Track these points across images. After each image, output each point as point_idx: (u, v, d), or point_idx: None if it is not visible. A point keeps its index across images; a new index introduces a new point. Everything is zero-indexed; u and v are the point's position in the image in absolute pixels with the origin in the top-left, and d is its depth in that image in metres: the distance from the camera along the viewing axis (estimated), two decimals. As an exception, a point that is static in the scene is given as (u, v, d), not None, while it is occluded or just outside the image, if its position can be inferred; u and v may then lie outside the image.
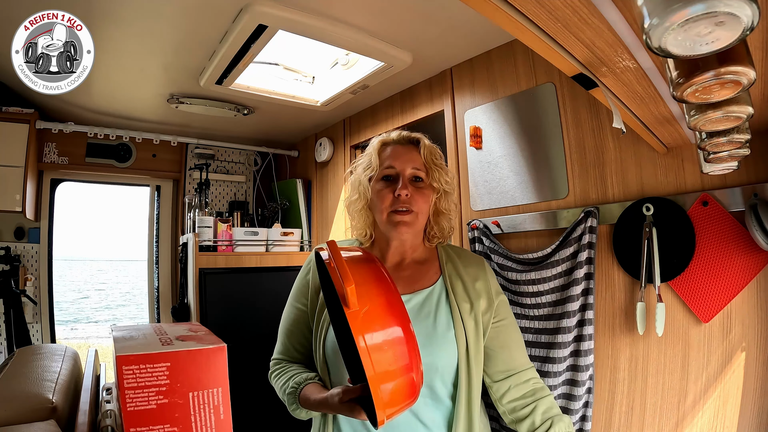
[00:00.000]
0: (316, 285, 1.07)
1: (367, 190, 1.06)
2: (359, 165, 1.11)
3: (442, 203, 1.07)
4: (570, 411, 1.26)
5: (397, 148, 1.06)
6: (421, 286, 1.03)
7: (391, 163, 1.03)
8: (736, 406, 1.06)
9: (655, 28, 0.36)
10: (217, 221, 2.33)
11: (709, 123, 0.60)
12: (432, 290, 1.02)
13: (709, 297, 1.10)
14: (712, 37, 0.36)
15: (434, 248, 1.11)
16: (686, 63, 0.45)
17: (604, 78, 0.69)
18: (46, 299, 2.32)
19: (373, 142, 1.10)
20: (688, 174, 1.16)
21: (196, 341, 0.75)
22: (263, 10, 1.28)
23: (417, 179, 1.04)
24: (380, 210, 1.02)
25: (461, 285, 1.03)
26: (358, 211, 1.10)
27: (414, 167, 1.03)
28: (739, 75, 0.44)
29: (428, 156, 1.05)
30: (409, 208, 1.00)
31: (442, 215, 1.09)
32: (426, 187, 1.04)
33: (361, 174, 1.08)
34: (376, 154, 1.06)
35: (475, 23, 1.42)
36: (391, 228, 1.01)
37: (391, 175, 1.03)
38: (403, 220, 1.00)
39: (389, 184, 1.03)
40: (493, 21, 0.54)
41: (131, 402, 0.66)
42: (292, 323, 1.11)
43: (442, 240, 1.12)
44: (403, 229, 1.01)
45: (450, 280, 1.03)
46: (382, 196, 1.02)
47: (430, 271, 1.06)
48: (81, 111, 2.16)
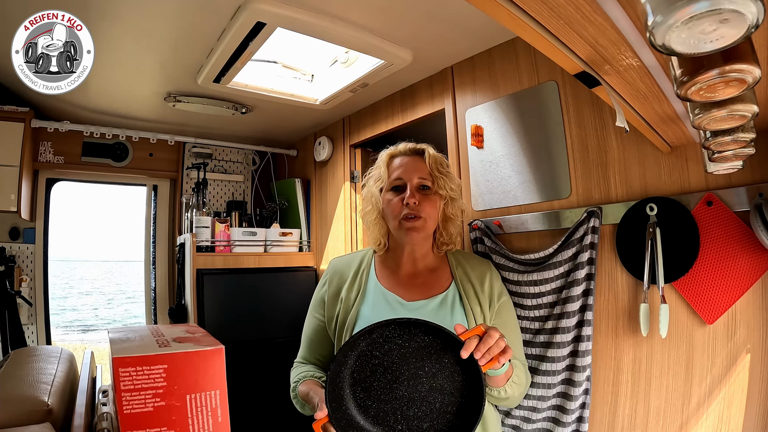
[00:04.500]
0: (332, 296, 1.16)
1: (378, 201, 1.15)
2: (370, 178, 1.20)
3: (450, 209, 1.15)
4: (567, 411, 1.25)
5: (404, 159, 1.14)
6: (435, 292, 1.11)
7: (399, 174, 1.12)
8: (741, 408, 1.05)
9: (659, 25, 0.35)
10: (215, 221, 2.31)
11: (713, 122, 0.60)
12: (446, 295, 1.10)
13: (713, 298, 1.09)
14: (717, 35, 0.36)
15: (444, 255, 1.20)
16: (690, 61, 0.45)
17: (607, 76, 0.69)
18: (41, 300, 2.29)
19: (382, 155, 1.18)
20: (692, 173, 1.14)
21: (193, 343, 0.75)
22: (261, 7, 1.27)
23: (424, 187, 1.12)
24: (392, 218, 1.11)
25: (471, 288, 1.12)
26: (372, 222, 1.19)
27: (420, 176, 1.11)
28: (743, 73, 0.43)
29: (434, 165, 1.13)
30: (417, 214, 1.08)
31: (450, 221, 1.16)
32: (433, 194, 1.12)
33: (372, 186, 1.17)
34: (385, 167, 1.15)
35: (476, 21, 1.41)
36: (403, 234, 1.10)
37: (400, 185, 1.12)
38: (413, 226, 1.08)
39: (398, 194, 1.11)
40: (494, 18, 0.53)
41: (128, 404, 0.66)
42: (312, 332, 1.19)
43: (451, 246, 1.20)
44: (414, 234, 1.09)
45: (462, 284, 1.12)
46: (392, 205, 1.11)
47: (443, 277, 1.15)
48: (77, 110, 2.14)
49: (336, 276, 1.19)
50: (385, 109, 2.07)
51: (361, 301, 1.11)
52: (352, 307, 1.10)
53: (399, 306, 1.09)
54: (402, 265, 1.16)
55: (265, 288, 2.32)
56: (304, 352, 1.20)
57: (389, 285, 1.14)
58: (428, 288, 1.13)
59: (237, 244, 2.33)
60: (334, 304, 1.15)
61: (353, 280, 1.16)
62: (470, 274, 1.14)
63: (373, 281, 1.15)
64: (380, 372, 0.91)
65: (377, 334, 0.91)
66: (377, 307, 1.09)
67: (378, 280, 1.15)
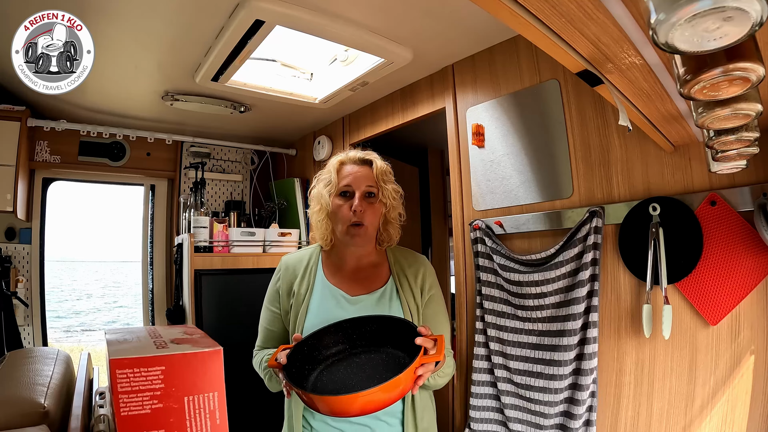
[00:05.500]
0: (285, 290, 1.28)
1: (327, 204, 1.24)
2: (321, 181, 1.28)
3: (391, 214, 1.27)
4: (574, 416, 1.24)
5: (354, 168, 1.24)
6: (376, 286, 1.24)
7: (348, 182, 1.22)
8: (745, 410, 1.04)
9: (662, 23, 0.35)
10: (213, 221, 2.29)
11: (717, 121, 0.60)
12: (385, 289, 1.24)
13: (717, 299, 1.08)
14: (720, 33, 0.36)
15: (384, 251, 1.32)
16: (694, 59, 0.45)
17: (609, 75, 0.69)
18: (37, 301, 2.27)
19: (332, 161, 1.27)
20: (695, 173, 1.14)
21: (191, 344, 0.74)
22: (260, 5, 1.26)
23: (370, 195, 1.22)
24: (339, 222, 1.22)
25: (407, 282, 1.24)
26: (320, 221, 1.28)
27: (367, 185, 1.22)
28: (747, 71, 0.43)
29: (380, 175, 1.23)
30: (361, 222, 1.19)
31: (390, 224, 1.29)
32: (376, 202, 1.23)
33: (322, 189, 1.26)
34: (335, 173, 1.24)
35: (477, 19, 1.40)
36: (348, 238, 1.21)
37: (348, 191, 1.22)
38: (357, 233, 1.20)
39: (346, 200, 1.21)
40: (496, 16, 0.53)
41: (125, 407, 0.65)
42: (269, 323, 1.30)
43: (390, 243, 1.32)
44: (358, 239, 1.21)
45: (398, 279, 1.25)
46: (340, 210, 1.21)
47: (382, 272, 1.28)
48: (74, 108, 2.12)
49: (288, 272, 1.31)
50: (385, 108, 2.06)
51: (310, 295, 1.23)
52: (303, 301, 1.22)
53: (343, 300, 1.21)
54: (346, 261, 1.27)
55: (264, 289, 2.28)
56: (260, 341, 1.32)
57: (334, 281, 1.26)
58: (369, 283, 1.25)
59: (235, 245, 2.31)
60: (287, 298, 1.27)
61: (303, 275, 1.28)
62: (406, 269, 1.27)
63: (320, 277, 1.27)
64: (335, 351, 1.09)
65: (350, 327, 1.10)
66: (324, 301, 1.21)
67: (325, 276, 1.27)
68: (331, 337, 1.09)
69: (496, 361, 1.42)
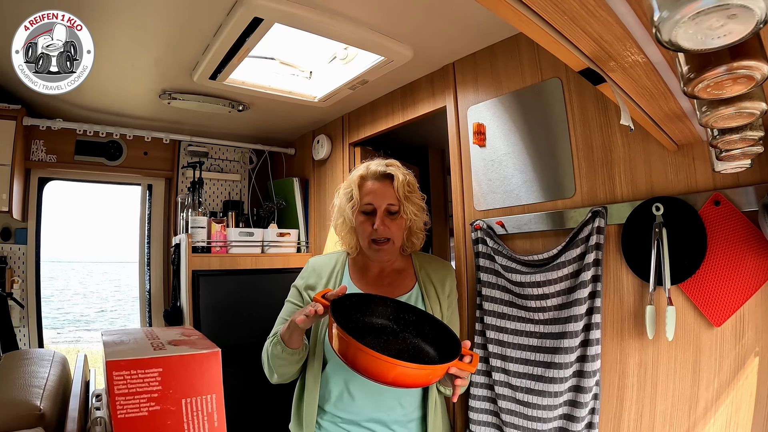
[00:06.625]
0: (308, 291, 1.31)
1: (351, 221, 1.29)
2: (343, 194, 1.33)
3: (415, 226, 1.32)
4: (576, 419, 1.22)
5: (375, 185, 1.27)
6: (400, 292, 1.28)
7: (369, 200, 1.26)
8: (750, 413, 1.03)
9: (665, 21, 0.35)
10: (211, 221, 2.27)
11: (721, 119, 0.60)
12: (410, 295, 1.28)
13: (721, 300, 1.07)
14: (724, 31, 0.35)
15: (409, 256, 1.37)
16: (697, 57, 0.45)
17: (612, 73, 0.68)
18: (33, 302, 2.25)
19: (353, 175, 1.31)
20: (699, 172, 1.13)
21: (189, 346, 0.74)
22: (259, 2, 1.24)
23: (391, 213, 1.26)
24: (362, 238, 1.27)
25: (433, 289, 1.29)
26: (345, 233, 1.34)
27: (389, 203, 1.25)
28: (752, 70, 0.43)
29: (401, 190, 1.26)
30: (385, 237, 1.24)
31: (414, 234, 1.34)
32: (399, 218, 1.27)
33: (345, 204, 1.30)
34: (357, 188, 1.28)
35: (478, 16, 1.39)
36: (372, 253, 1.27)
37: (369, 211, 1.26)
38: (381, 248, 1.25)
39: (369, 218, 1.26)
40: (497, 14, 0.52)
41: (122, 409, 0.65)
42: (288, 315, 1.31)
43: (414, 249, 1.37)
44: (383, 254, 1.26)
45: (424, 285, 1.29)
46: (363, 228, 1.26)
47: (407, 278, 1.33)
48: (70, 107, 2.11)
49: (314, 273, 1.34)
50: (385, 106, 2.05)
51: None
52: None
53: None
54: (371, 267, 1.33)
55: (262, 290, 2.29)
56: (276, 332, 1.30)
57: (360, 284, 1.30)
58: (394, 288, 1.30)
59: (234, 245, 2.30)
60: (309, 297, 1.30)
61: (329, 278, 1.31)
62: (432, 276, 1.31)
63: (346, 280, 1.31)
64: None
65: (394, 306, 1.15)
66: None
67: (351, 279, 1.31)
68: (378, 308, 1.14)
69: (494, 363, 1.41)
